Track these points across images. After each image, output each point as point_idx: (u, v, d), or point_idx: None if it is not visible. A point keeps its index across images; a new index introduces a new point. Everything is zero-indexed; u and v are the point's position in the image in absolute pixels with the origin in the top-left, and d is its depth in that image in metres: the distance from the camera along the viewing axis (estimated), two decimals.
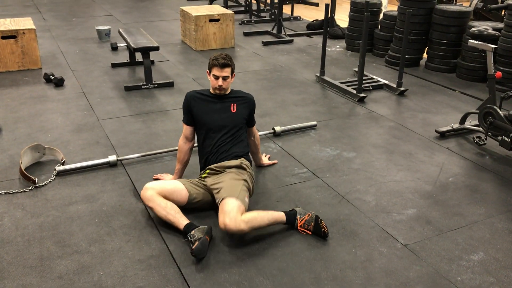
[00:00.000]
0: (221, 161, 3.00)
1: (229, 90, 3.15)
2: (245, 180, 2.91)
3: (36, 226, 2.85)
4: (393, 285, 2.42)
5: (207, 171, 3.02)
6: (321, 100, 5.00)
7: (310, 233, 2.77)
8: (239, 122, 3.11)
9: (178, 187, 2.89)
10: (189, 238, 2.58)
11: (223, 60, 2.98)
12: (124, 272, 2.48)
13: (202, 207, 2.97)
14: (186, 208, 2.89)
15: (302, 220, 2.79)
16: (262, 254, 2.62)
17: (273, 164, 3.61)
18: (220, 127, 3.05)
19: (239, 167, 2.99)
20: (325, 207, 3.07)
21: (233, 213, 2.59)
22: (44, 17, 8.77)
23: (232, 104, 3.11)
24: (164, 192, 2.83)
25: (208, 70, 3.08)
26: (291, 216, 2.81)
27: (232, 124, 3.08)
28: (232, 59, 3.06)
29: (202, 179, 3.03)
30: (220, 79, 3.00)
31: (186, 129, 3.14)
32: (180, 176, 3.26)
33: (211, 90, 3.13)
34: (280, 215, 2.79)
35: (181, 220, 2.73)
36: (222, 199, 2.72)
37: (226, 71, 3.00)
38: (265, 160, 3.60)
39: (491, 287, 2.42)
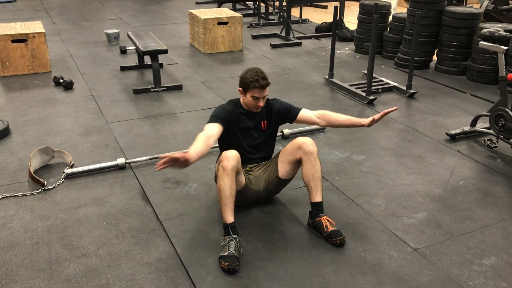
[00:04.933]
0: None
1: None
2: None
3: (44, 228, 2.85)
4: None
5: (248, 167, 2.99)
6: (330, 103, 4.97)
7: (331, 228, 2.73)
8: (268, 139, 3.05)
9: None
10: (228, 246, 2.56)
11: (264, 81, 2.76)
12: (132, 275, 2.47)
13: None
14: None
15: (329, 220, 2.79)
16: (270, 258, 2.60)
17: (391, 111, 3.11)
18: (253, 147, 2.98)
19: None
20: (334, 211, 3.05)
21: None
22: (54, 21, 8.84)
23: (262, 122, 2.95)
24: (239, 166, 2.73)
25: (241, 88, 2.83)
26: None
27: (263, 143, 3.01)
28: (264, 73, 2.85)
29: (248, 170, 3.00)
30: (261, 100, 2.82)
31: (216, 128, 2.76)
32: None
33: (244, 106, 2.92)
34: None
35: (230, 214, 2.62)
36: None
37: (267, 90, 2.82)
38: (375, 116, 3.08)
39: None
